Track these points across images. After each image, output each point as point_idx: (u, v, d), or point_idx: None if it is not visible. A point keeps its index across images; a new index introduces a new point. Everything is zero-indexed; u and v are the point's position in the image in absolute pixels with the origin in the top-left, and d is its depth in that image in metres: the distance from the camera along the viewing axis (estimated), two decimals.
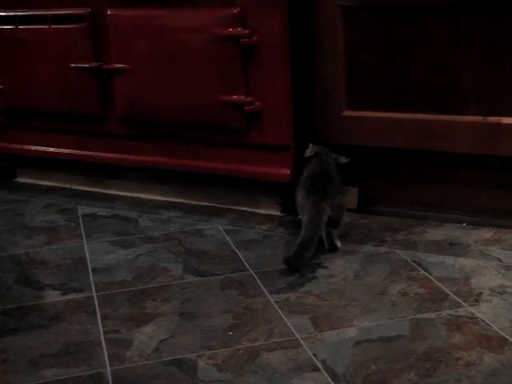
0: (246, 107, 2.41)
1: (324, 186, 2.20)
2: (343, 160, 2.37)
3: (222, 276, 2.08)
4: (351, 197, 2.51)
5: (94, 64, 2.67)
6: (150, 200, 2.76)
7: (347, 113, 2.44)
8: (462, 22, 2.22)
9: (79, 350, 1.73)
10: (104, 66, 2.66)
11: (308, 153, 2.35)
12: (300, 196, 2.23)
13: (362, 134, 2.43)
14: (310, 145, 2.37)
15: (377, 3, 2.32)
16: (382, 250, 2.20)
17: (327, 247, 2.19)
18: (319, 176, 2.25)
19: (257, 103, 2.41)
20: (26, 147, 2.99)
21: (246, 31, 2.36)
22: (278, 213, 2.52)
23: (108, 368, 1.63)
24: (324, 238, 2.17)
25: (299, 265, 2.07)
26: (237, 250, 2.25)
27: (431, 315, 1.79)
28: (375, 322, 1.78)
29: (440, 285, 1.94)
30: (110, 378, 1.59)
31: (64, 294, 2.02)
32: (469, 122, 2.29)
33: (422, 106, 2.35)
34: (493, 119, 2.25)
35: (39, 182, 3.06)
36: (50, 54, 2.78)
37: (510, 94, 2.23)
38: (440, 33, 2.27)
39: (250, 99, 2.41)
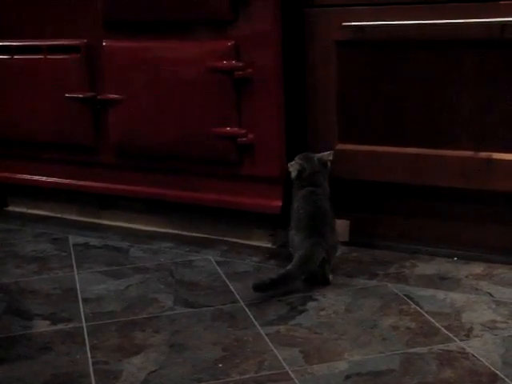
0: (239, 139, 2.42)
1: (321, 229, 2.19)
2: (329, 157, 2.33)
3: (212, 308, 2.08)
4: (343, 229, 2.51)
5: (88, 94, 2.68)
6: (141, 230, 2.76)
7: (340, 146, 2.45)
8: (455, 58, 2.25)
9: (67, 380, 1.71)
10: (98, 97, 2.67)
11: (293, 168, 2.29)
12: (296, 239, 2.20)
13: (354, 167, 2.44)
14: (296, 158, 2.32)
15: (371, 39, 2.34)
16: (373, 283, 2.20)
17: (319, 280, 2.18)
18: (315, 217, 2.21)
19: (250, 135, 2.42)
20: (17, 176, 2.99)
21: (240, 64, 2.38)
22: (270, 244, 2.52)
23: None
24: (316, 271, 2.17)
25: (265, 291, 2.09)
26: (228, 282, 2.24)
27: (422, 350, 1.78)
28: (366, 355, 1.77)
29: (431, 319, 1.94)
30: None
31: (53, 324, 2.01)
32: (460, 156, 2.30)
33: (413, 140, 2.36)
34: (484, 154, 2.26)
35: (30, 211, 3.06)
36: (45, 83, 2.79)
37: (500, 129, 2.24)
38: (433, 68, 2.29)
39: (243, 131, 2.42)
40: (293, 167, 2.29)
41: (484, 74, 2.23)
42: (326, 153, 2.34)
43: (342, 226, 2.51)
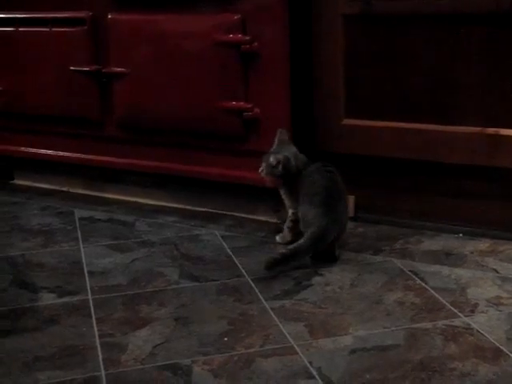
0: (244, 113, 2.42)
1: (337, 206, 2.16)
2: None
3: (217, 282, 2.08)
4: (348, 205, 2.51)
5: (93, 67, 2.67)
6: (147, 204, 2.76)
7: (346, 121, 2.45)
8: (463, 33, 2.23)
9: (74, 353, 1.72)
10: (103, 70, 2.66)
11: (275, 158, 2.20)
12: (310, 214, 2.15)
13: (361, 142, 2.44)
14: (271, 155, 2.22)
15: (378, 13, 2.32)
16: (379, 258, 2.20)
17: (327, 257, 2.18)
18: (332, 192, 2.17)
19: (256, 110, 2.41)
20: (23, 149, 2.99)
21: (247, 38, 2.36)
22: (275, 220, 2.52)
23: (102, 371, 1.63)
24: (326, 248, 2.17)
25: (276, 267, 2.09)
26: (233, 256, 2.25)
27: (427, 325, 1.79)
28: (371, 330, 1.77)
29: (436, 295, 1.94)
30: (104, 382, 1.59)
31: (59, 297, 2.02)
32: (467, 133, 2.29)
33: (420, 116, 2.36)
34: (491, 130, 2.25)
35: (37, 185, 3.06)
36: (50, 56, 2.78)
37: (508, 105, 2.23)
38: (440, 44, 2.28)
39: (249, 106, 2.41)
40: (275, 158, 2.20)
41: (492, 48, 2.21)
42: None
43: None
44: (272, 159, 2.20)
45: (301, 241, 2.12)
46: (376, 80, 2.40)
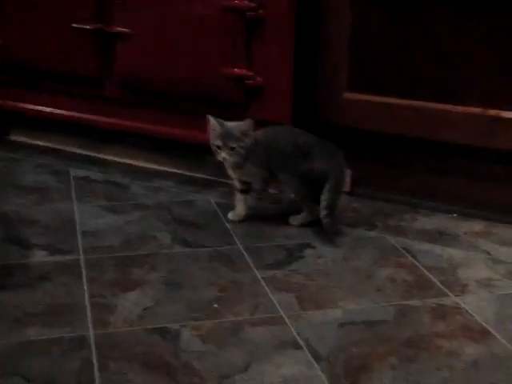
0: (246, 81, 2.40)
1: (329, 155, 2.20)
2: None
3: (210, 248, 2.08)
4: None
5: (96, 26, 2.64)
6: (143, 167, 2.75)
7: (347, 95, 2.43)
8: (466, 11, 2.21)
9: (63, 311, 1.72)
10: (106, 29, 2.63)
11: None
12: (310, 172, 2.14)
13: (361, 117, 2.43)
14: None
15: None
16: (372, 234, 2.20)
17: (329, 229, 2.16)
18: (310, 145, 2.18)
19: (258, 78, 2.40)
20: (21, 105, 2.96)
21: (253, 4, 2.34)
22: (271, 189, 2.51)
23: (91, 331, 1.63)
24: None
25: (336, 226, 2.14)
26: (226, 224, 2.24)
27: (417, 302, 1.79)
28: (360, 305, 1.78)
29: (427, 273, 1.95)
30: (92, 342, 1.59)
31: (51, 255, 2.02)
32: (468, 113, 2.28)
33: (422, 94, 2.35)
34: (492, 112, 2.25)
35: (33, 142, 3.04)
36: (52, 11, 2.74)
37: (510, 87, 2.22)
38: (444, 21, 2.26)
39: (251, 74, 2.40)
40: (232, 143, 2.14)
41: (499, 29, 2.19)
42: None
43: None
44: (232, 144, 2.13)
45: (325, 197, 2.11)
46: (379, 55, 2.38)
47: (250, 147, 2.15)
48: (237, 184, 2.26)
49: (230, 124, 2.15)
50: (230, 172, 2.24)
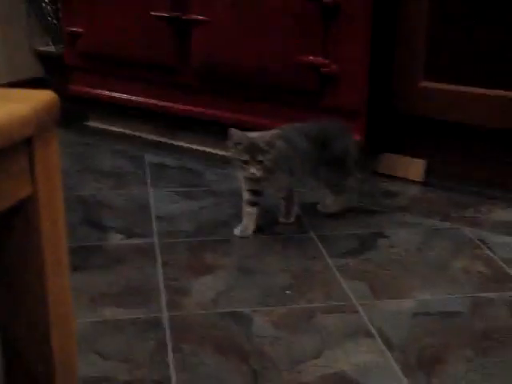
0: (322, 69, 2.39)
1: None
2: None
3: (283, 235, 2.09)
4: (418, 169, 2.48)
5: (173, 13, 2.67)
6: (217, 154, 2.77)
7: (424, 84, 2.39)
8: None
9: (138, 293, 1.76)
10: (183, 17, 2.66)
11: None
12: (340, 141, 2.15)
13: (437, 106, 2.39)
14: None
15: None
16: (447, 225, 2.17)
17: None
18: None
19: (333, 66, 2.38)
20: (99, 92, 3.02)
21: None
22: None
23: (165, 313, 1.66)
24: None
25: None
26: (300, 211, 2.24)
27: (492, 295, 1.76)
28: (434, 295, 1.76)
29: (504, 265, 1.90)
30: (166, 323, 1.62)
31: (127, 238, 2.06)
32: None
33: (501, 82, 2.29)
34: None
35: (110, 128, 3.11)
36: (132, 0, 2.79)
37: None
38: None
39: (326, 61, 2.38)
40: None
41: None
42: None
43: (417, 165, 2.48)
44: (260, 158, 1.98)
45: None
46: (458, 43, 2.33)
47: (275, 159, 1.99)
48: (247, 196, 2.10)
49: (254, 136, 1.99)
50: (244, 183, 2.09)
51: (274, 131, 2.00)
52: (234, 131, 1.97)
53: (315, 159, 2.12)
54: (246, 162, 1.97)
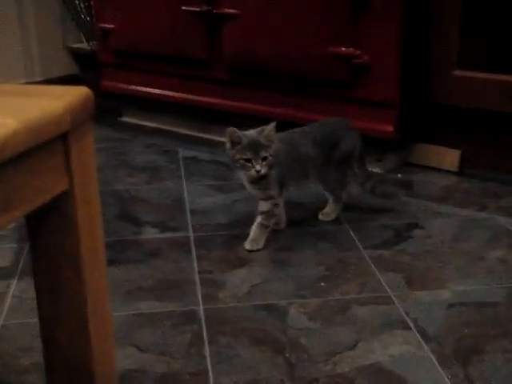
0: (353, 60, 2.38)
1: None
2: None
3: (317, 228, 2.09)
4: (452, 159, 2.46)
5: (204, 8, 2.68)
6: None
7: (458, 73, 2.37)
8: None
9: (174, 286, 1.77)
10: (214, 11, 2.66)
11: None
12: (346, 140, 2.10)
13: (472, 95, 2.36)
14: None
15: None
16: (483, 215, 2.15)
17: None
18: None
19: (365, 57, 2.37)
20: (132, 87, 3.05)
21: None
22: (378, 170, 2.49)
23: (201, 306, 1.67)
24: None
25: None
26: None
27: None
28: (470, 286, 1.74)
29: None
30: (202, 316, 1.63)
31: (162, 232, 2.08)
32: None
33: None
34: None
35: (143, 123, 3.13)
36: None
37: None
38: None
39: (358, 52, 2.37)
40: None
41: None
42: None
43: (452, 155, 2.46)
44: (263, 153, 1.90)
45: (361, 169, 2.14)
46: (493, 32, 2.30)
47: (275, 154, 1.92)
48: (261, 207, 2.00)
49: (253, 132, 1.92)
50: (249, 187, 2.00)
51: (269, 126, 1.91)
52: (230, 131, 1.89)
53: (322, 163, 2.06)
54: (248, 161, 1.89)
